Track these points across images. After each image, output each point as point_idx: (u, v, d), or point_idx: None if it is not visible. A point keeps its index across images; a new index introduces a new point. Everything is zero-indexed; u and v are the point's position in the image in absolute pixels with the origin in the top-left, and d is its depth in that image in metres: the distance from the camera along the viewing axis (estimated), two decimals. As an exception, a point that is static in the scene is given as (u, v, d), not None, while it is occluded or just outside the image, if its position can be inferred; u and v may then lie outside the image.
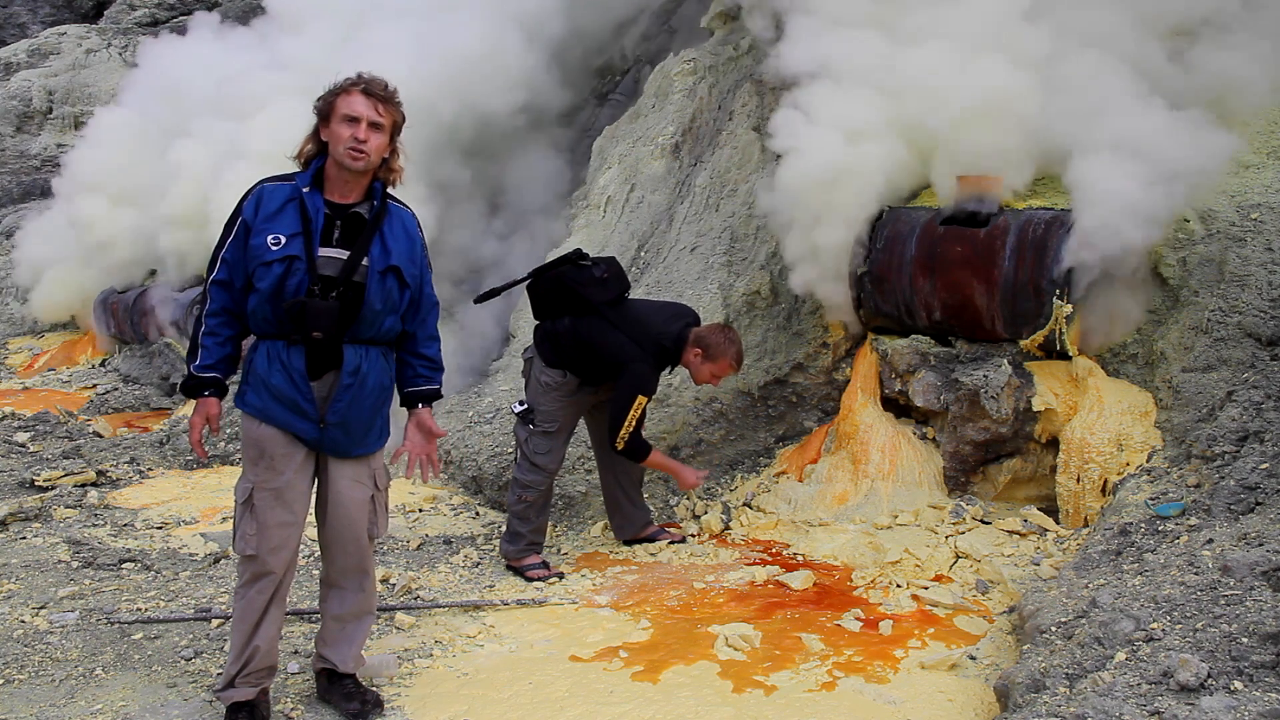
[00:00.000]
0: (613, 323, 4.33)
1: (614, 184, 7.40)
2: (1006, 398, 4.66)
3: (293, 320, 2.88)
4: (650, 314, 4.51)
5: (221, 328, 2.98)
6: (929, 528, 4.60)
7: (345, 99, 2.91)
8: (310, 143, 2.99)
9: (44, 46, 17.98)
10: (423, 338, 3.18)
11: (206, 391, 3.00)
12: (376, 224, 2.97)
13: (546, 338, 4.45)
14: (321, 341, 2.92)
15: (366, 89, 2.92)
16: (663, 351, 4.39)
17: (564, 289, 4.38)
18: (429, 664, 3.51)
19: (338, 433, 2.98)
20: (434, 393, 3.23)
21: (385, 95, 2.95)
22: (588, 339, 4.32)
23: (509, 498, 4.56)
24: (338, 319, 2.91)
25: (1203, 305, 4.40)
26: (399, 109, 3.00)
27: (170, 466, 6.70)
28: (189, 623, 3.82)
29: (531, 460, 4.44)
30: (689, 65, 7.56)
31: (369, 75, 2.96)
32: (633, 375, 4.25)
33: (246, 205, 2.95)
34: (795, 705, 3.16)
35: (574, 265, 4.40)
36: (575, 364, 4.40)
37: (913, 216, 5.09)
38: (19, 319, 14.18)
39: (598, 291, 4.35)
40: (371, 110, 2.90)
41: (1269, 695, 2.37)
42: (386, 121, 2.94)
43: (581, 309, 4.36)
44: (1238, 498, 3.55)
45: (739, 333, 4.80)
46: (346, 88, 2.93)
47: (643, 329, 4.36)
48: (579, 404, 4.53)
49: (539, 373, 4.47)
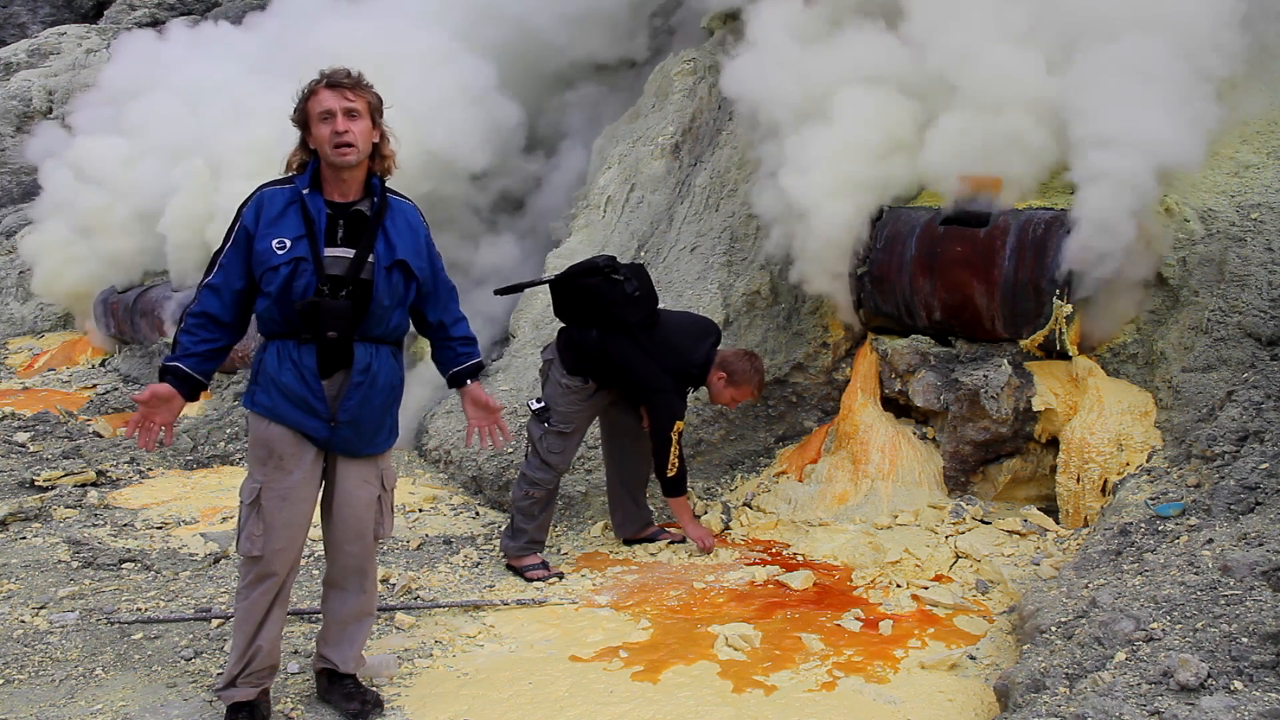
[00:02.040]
0: (643, 348, 4.34)
1: (614, 184, 7.39)
2: (1006, 398, 4.66)
3: (306, 321, 2.88)
4: (678, 335, 4.50)
5: (199, 329, 2.92)
6: (929, 528, 4.60)
7: (314, 100, 2.90)
8: (299, 153, 2.98)
9: (44, 46, 18.00)
10: (450, 323, 3.24)
11: (167, 378, 2.89)
12: (379, 220, 2.97)
13: (570, 345, 4.43)
14: (333, 340, 2.92)
15: (330, 82, 2.90)
16: (688, 376, 4.49)
17: (595, 302, 4.33)
18: (429, 664, 3.51)
19: (348, 431, 2.98)
20: (477, 366, 3.30)
21: (352, 82, 2.92)
22: (620, 360, 4.34)
23: (514, 493, 4.57)
24: (350, 317, 2.91)
25: (1203, 305, 4.39)
26: (370, 90, 2.96)
27: (170, 466, 6.70)
28: (189, 623, 3.82)
29: (543, 458, 4.45)
30: (689, 65, 7.56)
31: (329, 68, 2.94)
32: (665, 405, 4.37)
33: (247, 212, 2.93)
34: (795, 705, 3.16)
35: (606, 279, 4.32)
36: (599, 373, 4.43)
37: (913, 216, 5.09)
38: (19, 319, 14.18)
39: (631, 312, 4.33)
40: (341, 99, 2.88)
41: (1269, 695, 2.37)
42: (361, 105, 2.91)
43: (612, 326, 4.33)
44: (1238, 498, 3.55)
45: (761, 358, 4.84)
46: (313, 88, 2.91)
47: (674, 355, 4.40)
48: (595, 405, 4.55)
49: (559, 375, 4.46)
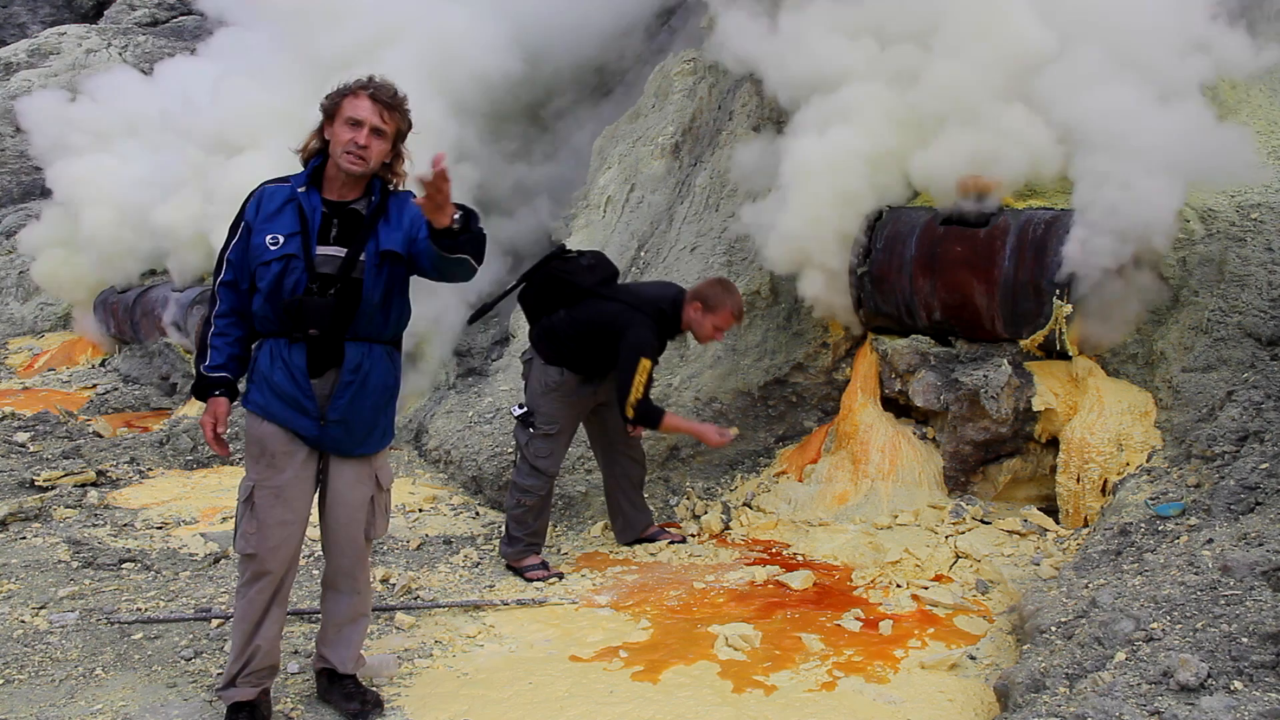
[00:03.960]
0: (607, 297, 4.36)
1: (614, 184, 7.39)
2: (1006, 398, 4.65)
3: (291, 318, 2.89)
4: (643, 288, 4.66)
5: (230, 328, 2.99)
6: (929, 528, 4.60)
7: (351, 101, 2.88)
8: (314, 139, 2.98)
9: (44, 46, 17.99)
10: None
11: (217, 391, 2.99)
12: (374, 220, 2.96)
13: (544, 335, 4.46)
14: (321, 338, 2.91)
15: (374, 93, 2.88)
16: (661, 315, 4.36)
17: (555, 282, 4.41)
18: (429, 664, 3.51)
19: (338, 430, 2.98)
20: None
21: (392, 102, 2.91)
22: (586, 320, 4.34)
23: (507, 501, 4.56)
24: (334, 315, 2.90)
25: (1203, 305, 4.39)
26: (405, 116, 2.96)
27: (170, 466, 6.70)
28: (189, 623, 3.82)
29: (532, 464, 4.43)
30: (689, 65, 7.55)
31: (380, 79, 2.93)
32: (633, 339, 4.21)
33: (249, 207, 2.96)
34: (795, 705, 3.16)
35: (561, 259, 4.44)
36: (575, 356, 4.39)
37: (913, 216, 5.09)
38: (19, 319, 14.18)
39: (587, 276, 4.40)
40: (376, 116, 2.88)
41: (1269, 695, 2.37)
42: (390, 128, 2.91)
43: (574, 297, 4.38)
44: (1238, 498, 3.55)
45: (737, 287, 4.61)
46: (354, 89, 2.89)
47: (638, 297, 4.40)
48: (580, 405, 4.52)
49: (539, 372, 4.47)
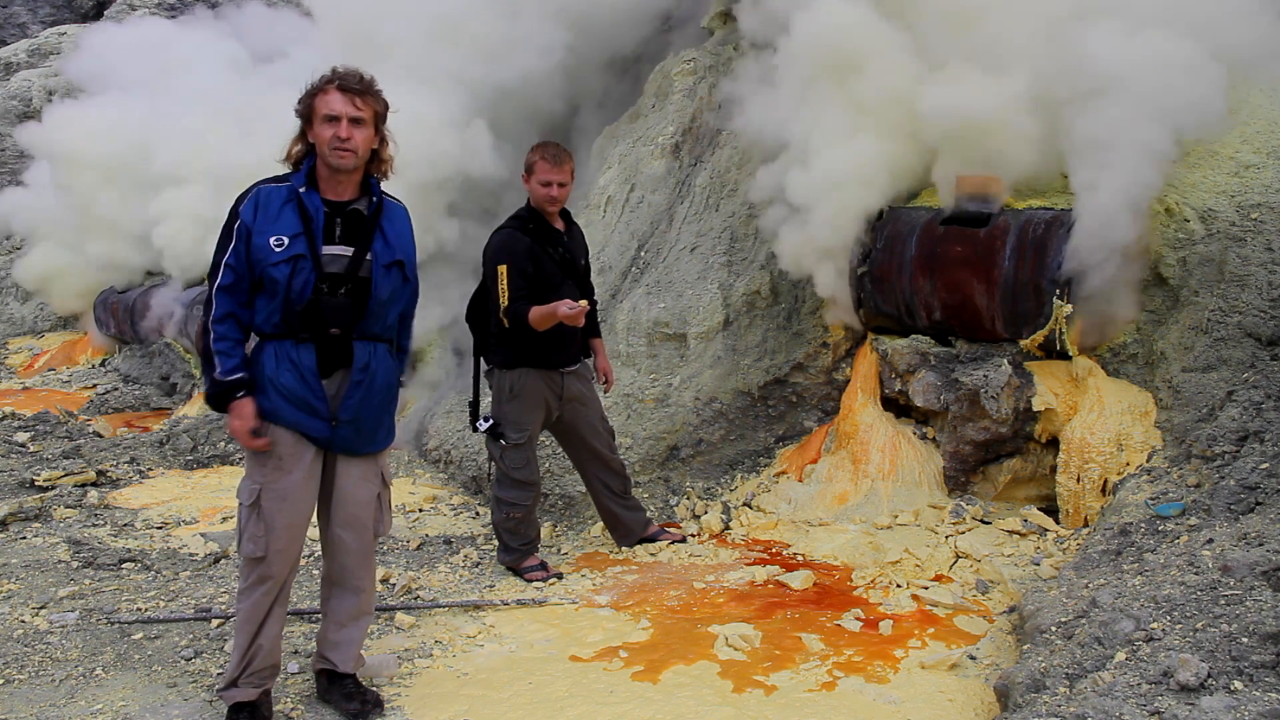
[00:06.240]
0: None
1: (614, 184, 7.38)
2: (1006, 398, 4.65)
3: (307, 319, 2.88)
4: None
5: (231, 331, 2.94)
6: (929, 528, 4.60)
7: (322, 98, 2.88)
8: (298, 144, 2.97)
9: (44, 46, 17.98)
10: (405, 317, 3.20)
11: (239, 394, 2.91)
12: (376, 219, 2.98)
13: (492, 343, 4.43)
14: (333, 339, 2.92)
15: (341, 84, 2.87)
16: (515, 218, 4.39)
17: (482, 289, 4.46)
18: (429, 664, 3.51)
19: (349, 430, 2.98)
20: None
21: (362, 87, 2.90)
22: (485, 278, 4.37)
23: (494, 515, 4.48)
24: (350, 314, 2.92)
25: (1203, 305, 4.39)
26: (379, 98, 2.95)
27: (170, 466, 6.70)
28: (189, 623, 3.82)
29: (511, 477, 4.38)
30: (689, 65, 7.55)
31: (343, 68, 2.91)
32: (489, 253, 4.32)
33: (244, 209, 2.91)
34: (795, 705, 3.16)
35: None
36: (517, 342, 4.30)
37: (913, 216, 5.09)
38: (19, 319, 14.18)
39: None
40: (350, 106, 2.87)
41: (1269, 695, 2.37)
42: (367, 114, 2.90)
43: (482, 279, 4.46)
44: (1238, 498, 3.55)
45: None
46: (322, 86, 2.89)
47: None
48: (539, 405, 4.42)
49: (499, 380, 4.41)
